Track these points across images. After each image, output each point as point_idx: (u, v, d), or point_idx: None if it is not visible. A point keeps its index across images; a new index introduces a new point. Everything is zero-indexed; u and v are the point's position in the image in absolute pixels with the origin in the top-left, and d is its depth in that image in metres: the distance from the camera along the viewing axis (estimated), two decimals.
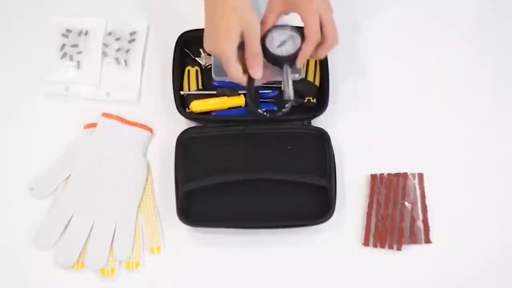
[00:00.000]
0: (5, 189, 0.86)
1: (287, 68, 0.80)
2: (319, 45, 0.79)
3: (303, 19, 0.78)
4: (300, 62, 0.80)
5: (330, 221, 0.81)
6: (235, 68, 0.76)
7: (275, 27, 0.80)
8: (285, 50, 0.79)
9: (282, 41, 0.80)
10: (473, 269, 0.83)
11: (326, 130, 0.86)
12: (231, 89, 0.88)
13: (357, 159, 0.88)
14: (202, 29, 0.80)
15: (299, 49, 0.79)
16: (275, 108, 0.88)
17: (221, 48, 0.75)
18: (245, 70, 0.77)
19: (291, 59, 0.79)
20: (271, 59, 0.80)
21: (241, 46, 0.76)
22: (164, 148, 0.88)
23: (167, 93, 0.88)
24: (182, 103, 0.87)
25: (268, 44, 0.79)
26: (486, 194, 0.87)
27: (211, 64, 0.89)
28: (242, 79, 0.77)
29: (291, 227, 0.83)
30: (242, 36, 0.75)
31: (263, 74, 0.78)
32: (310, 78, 0.89)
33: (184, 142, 0.86)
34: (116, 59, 0.93)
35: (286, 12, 0.81)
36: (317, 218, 0.81)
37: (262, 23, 0.79)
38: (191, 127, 0.87)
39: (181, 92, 0.88)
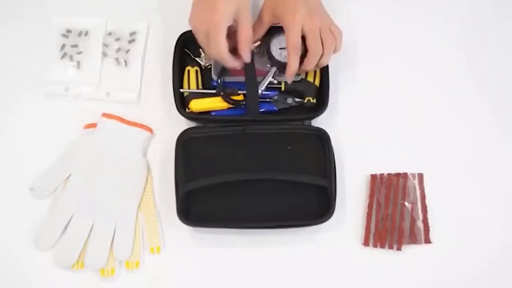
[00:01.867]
0: (5, 189, 0.86)
1: (274, 71, 0.86)
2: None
3: (285, 31, 0.81)
4: (287, 74, 0.83)
5: (330, 221, 0.81)
6: (224, 43, 0.78)
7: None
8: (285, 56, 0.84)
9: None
10: (473, 269, 0.83)
11: (326, 130, 0.86)
12: (231, 89, 0.88)
13: (357, 159, 0.88)
14: None
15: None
16: (275, 108, 0.88)
17: (214, 21, 0.76)
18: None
19: (282, 66, 0.84)
20: (270, 58, 0.85)
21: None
22: (164, 148, 0.87)
23: (167, 93, 0.88)
24: (182, 103, 0.87)
25: (272, 44, 0.85)
26: (486, 194, 0.87)
27: (211, 64, 0.89)
28: (228, 58, 0.80)
29: (291, 227, 0.83)
30: (235, 20, 0.78)
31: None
32: (310, 78, 0.89)
33: (184, 142, 0.85)
34: (116, 59, 0.93)
35: (274, 24, 0.84)
36: (317, 218, 0.81)
37: (253, 31, 0.82)
38: (191, 127, 0.87)
39: (181, 90, 0.88)
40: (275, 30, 0.85)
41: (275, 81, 0.87)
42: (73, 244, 0.82)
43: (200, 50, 0.90)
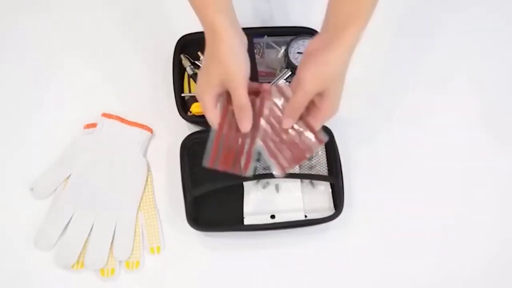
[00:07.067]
0: (5, 189, 0.86)
1: (289, 74, 0.87)
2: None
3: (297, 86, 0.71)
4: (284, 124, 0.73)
5: (337, 220, 0.81)
6: (211, 115, 0.71)
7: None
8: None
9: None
10: (473, 269, 0.83)
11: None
12: None
13: (360, 158, 0.88)
14: (201, 32, 0.80)
15: None
16: None
17: (199, 94, 0.72)
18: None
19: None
20: (287, 60, 0.87)
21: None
22: (164, 148, 0.88)
23: (168, 94, 0.88)
24: (183, 106, 0.87)
25: (291, 46, 0.88)
26: (486, 194, 0.87)
27: None
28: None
29: (298, 226, 0.82)
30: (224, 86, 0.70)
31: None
32: None
33: (188, 148, 0.85)
34: None
35: None
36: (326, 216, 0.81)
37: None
38: (194, 132, 0.87)
39: (182, 94, 0.88)
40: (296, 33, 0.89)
41: (287, 83, 0.87)
42: (73, 244, 0.82)
43: (199, 53, 0.90)
